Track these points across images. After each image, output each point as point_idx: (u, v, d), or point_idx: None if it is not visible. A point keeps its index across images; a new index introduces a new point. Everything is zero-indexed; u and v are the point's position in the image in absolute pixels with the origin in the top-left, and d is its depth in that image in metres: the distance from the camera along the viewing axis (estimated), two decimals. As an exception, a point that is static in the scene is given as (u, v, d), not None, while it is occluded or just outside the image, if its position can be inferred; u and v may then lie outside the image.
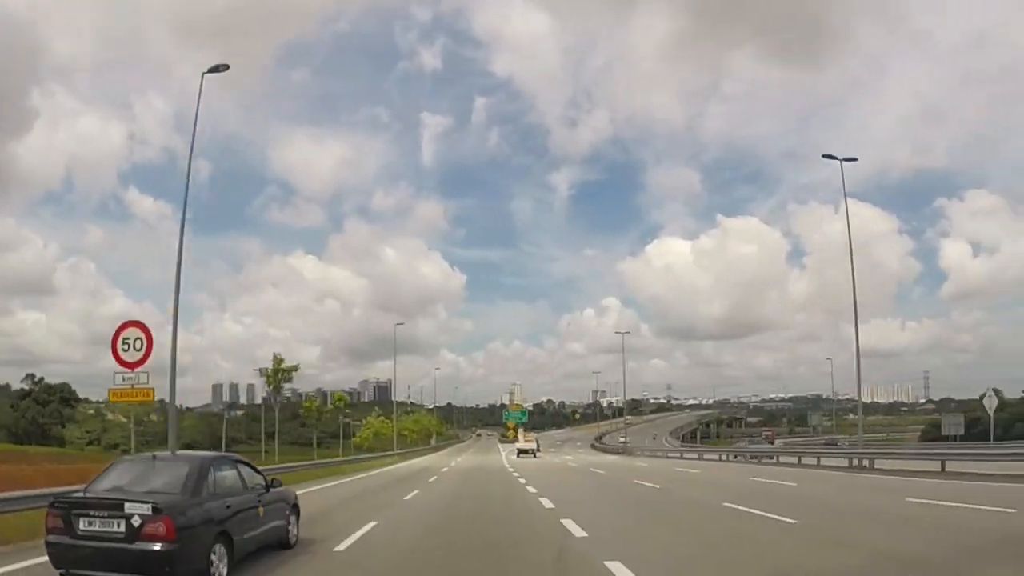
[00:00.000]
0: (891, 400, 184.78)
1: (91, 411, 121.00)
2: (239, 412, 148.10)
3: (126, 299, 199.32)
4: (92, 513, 6.58)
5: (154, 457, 8.00)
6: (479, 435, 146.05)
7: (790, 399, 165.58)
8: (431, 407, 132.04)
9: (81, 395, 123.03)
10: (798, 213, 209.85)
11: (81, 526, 6.58)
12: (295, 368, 57.29)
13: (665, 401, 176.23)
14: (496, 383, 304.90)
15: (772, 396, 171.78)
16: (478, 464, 39.93)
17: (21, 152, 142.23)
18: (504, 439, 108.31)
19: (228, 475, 7.99)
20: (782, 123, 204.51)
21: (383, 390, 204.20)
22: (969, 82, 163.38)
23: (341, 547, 9.50)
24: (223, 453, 8.79)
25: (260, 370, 58.25)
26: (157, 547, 6.38)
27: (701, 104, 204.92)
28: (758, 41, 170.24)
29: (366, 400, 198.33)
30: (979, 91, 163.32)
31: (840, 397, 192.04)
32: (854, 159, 32.02)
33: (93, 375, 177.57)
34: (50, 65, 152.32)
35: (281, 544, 9.08)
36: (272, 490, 8.91)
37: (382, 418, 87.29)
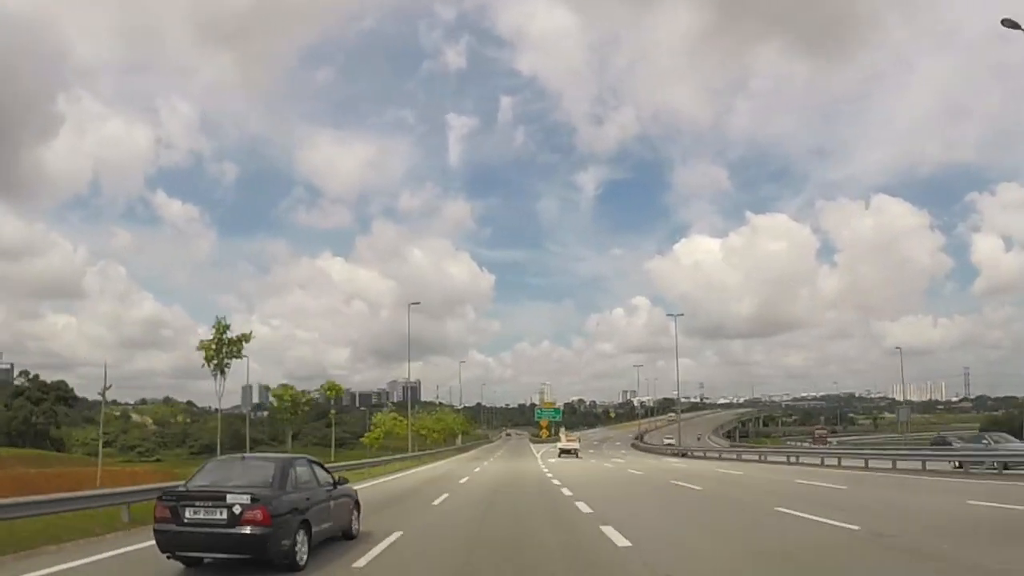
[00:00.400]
0: (926, 398, 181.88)
1: (117, 412, 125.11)
2: (264, 413, 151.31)
3: (155, 302, 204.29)
4: (197, 504, 7.78)
5: (243, 457, 9.26)
6: (508, 435, 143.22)
7: (822, 397, 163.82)
8: (459, 407, 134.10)
9: (119, 399, 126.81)
10: (827, 209, 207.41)
11: (187, 515, 7.78)
12: (245, 338, 38.07)
13: (698, 400, 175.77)
14: (525, 383, 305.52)
15: (803, 395, 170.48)
16: (509, 472, 30.58)
17: (49, 157, 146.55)
18: (536, 439, 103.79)
19: (304, 472, 9.19)
20: (809, 118, 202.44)
21: (413, 391, 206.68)
22: (998, 74, 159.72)
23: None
24: (300, 455, 9.95)
25: (201, 343, 38.36)
26: (255, 531, 7.56)
27: (727, 100, 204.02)
28: (783, 35, 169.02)
29: (395, 401, 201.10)
30: (1006, 83, 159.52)
31: (873, 395, 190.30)
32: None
33: (124, 378, 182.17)
34: (74, 69, 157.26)
35: (346, 535, 10.25)
36: (339, 487, 10.09)
37: (395, 415, 77.81)
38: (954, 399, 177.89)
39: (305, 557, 8.30)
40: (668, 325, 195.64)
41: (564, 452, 52.24)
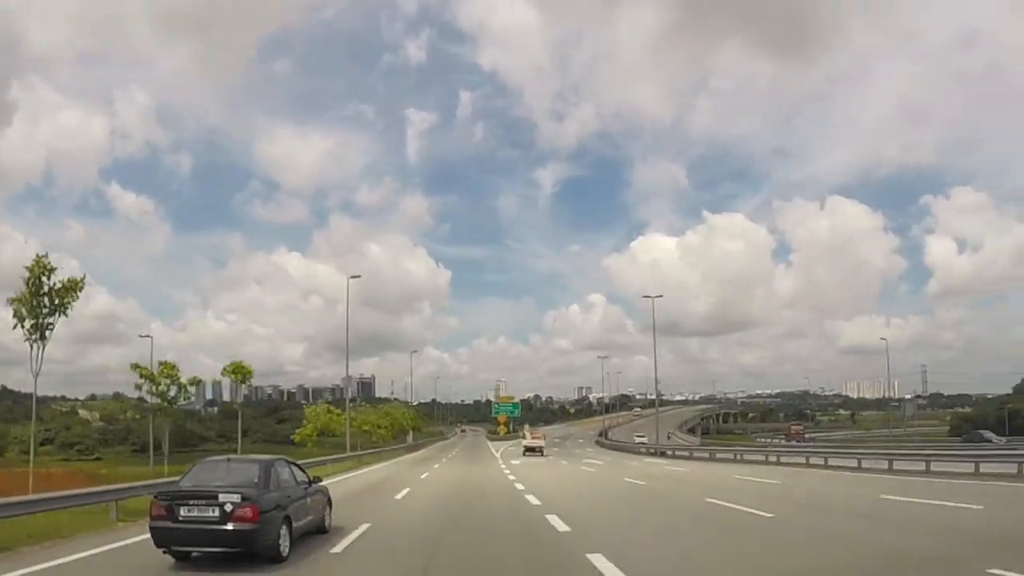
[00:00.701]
0: (878, 396, 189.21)
1: (65, 408, 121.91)
2: (215, 409, 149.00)
3: (110, 296, 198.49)
4: (191, 502, 8.74)
5: (228, 459, 10.22)
6: (464, 431, 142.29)
7: (777, 395, 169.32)
8: (413, 403, 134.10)
9: (68, 395, 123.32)
10: (783, 210, 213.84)
11: (182, 513, 8.73)
12: (75, 285, 27.62)
13: (655, 396, 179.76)
14: (481, 380, 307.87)
15: (759, 392, 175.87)
16: (467, 482, 24.76)
17: (1, 146, 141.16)
18: (493, 435, 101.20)
19: (284, 472, 10.21)
20: (769, 119, 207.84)
21: (367, 386, 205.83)
22: (956, 80, 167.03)
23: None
24: (279, 456, 10.92)
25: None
26: (244, 527, 8.57)
27: (688, 99, 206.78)
28: (746, 34, 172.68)
29: (349, 397, 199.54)
30: (966, 89, 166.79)
31: (827, 393, 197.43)
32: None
33: (77, 373, 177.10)
34: (30, 56, 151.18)
35: (319, 529, 11.27)
36: (313, 485, 11.12)
37: (330, 408, 67.89)
38: (908, 396, 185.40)
39: (287, 549, 9.33)
40: (624, 322, 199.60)
41: (529, 450, 50.87)
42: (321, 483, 11.63)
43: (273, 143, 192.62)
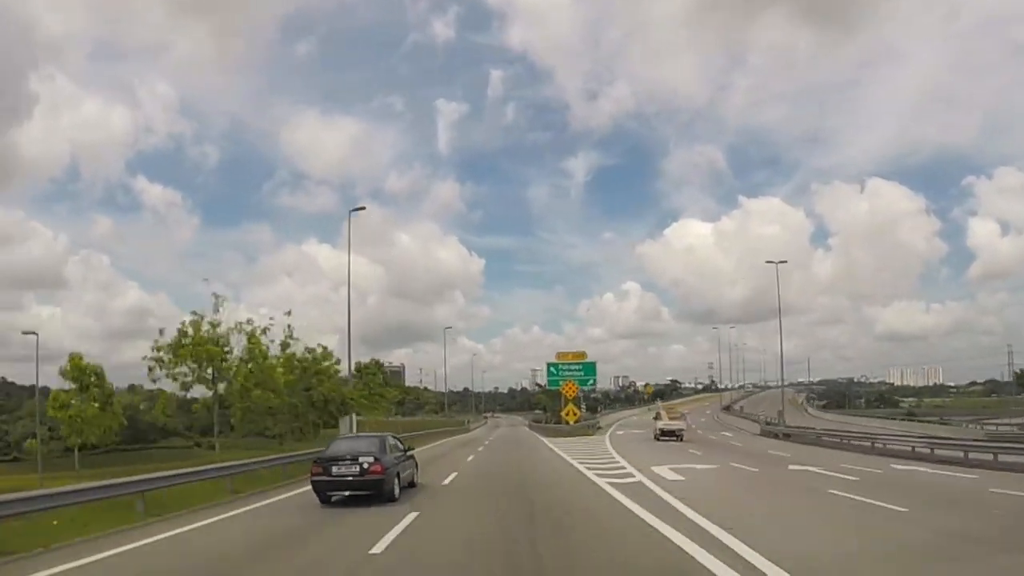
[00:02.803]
0: (922, 383, 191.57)
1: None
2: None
3: (140, 291, 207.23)
4: (340, 463, 14.50)
5: (357, 436, 16.02)
6: (487, 418, 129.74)
7: (819, 382, 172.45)
8: (447, 391, 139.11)
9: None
10: (821, 193, 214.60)
11: (334, 470, 14.47)
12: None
13: (709, 383, 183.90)
14: (515, 370, 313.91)
15: (800, 380, 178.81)
16: None
17: (23, 140, 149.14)
18: (547, 426, 65.08)
19: (393, 443, 15.94)
20: (805, 99, 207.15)
21: (396, 375, 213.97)
22: (1000, 57, 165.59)
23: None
24: (388, 432, 16.70)
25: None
26: (376, 477, 14.32)
27: (723, 79, 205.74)
28: (782, 8, 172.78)
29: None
30: (1009, 66, 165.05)
31: (871, 380, 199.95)
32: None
33: (111, 368, 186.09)
34: (44, 45, 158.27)
35: (411, 484, 16.98)
36: (407, 452, 16.86)
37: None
38: (960, 385, 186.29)
39: (398, 492, 15.08)
40: (660, 310, 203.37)
41: (666, 434, 42.17)
42: (412, 451, 17.39)
43: (298, 130, 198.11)
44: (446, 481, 19.05)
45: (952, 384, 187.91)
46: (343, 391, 41.16)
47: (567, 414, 53.28)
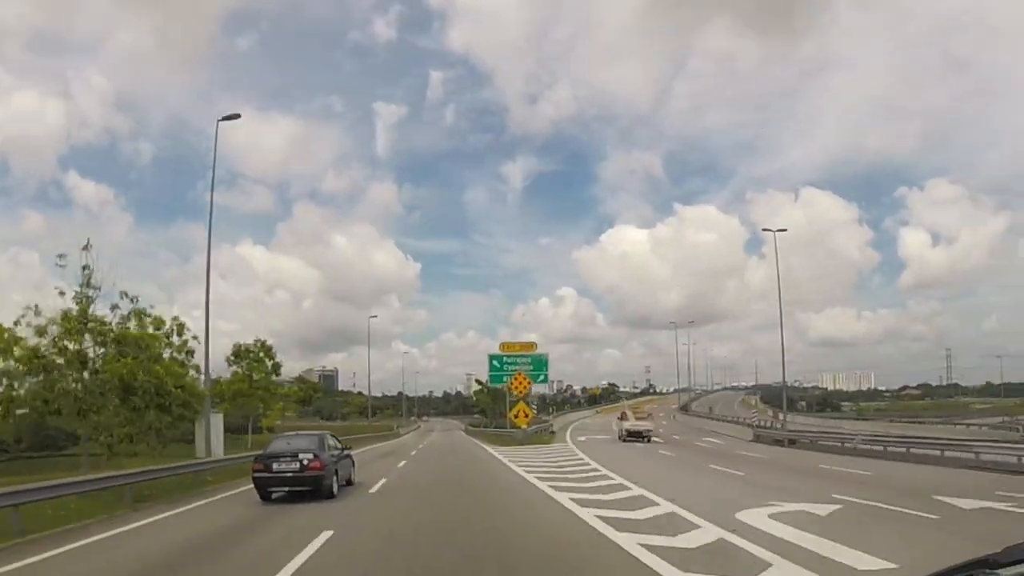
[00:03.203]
0: (854, 388, 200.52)
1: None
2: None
3: (72, 290, 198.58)
4: (280, 460, 15.30)
5: (296, 434, 16.78)
6: (419, 424, 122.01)
7: (753, 387, 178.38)
8: (380, 395, 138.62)
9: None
10: (756, 201, 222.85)
11: (275, 467, 15.24)
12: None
13: (647, 386, 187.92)
14: (451, 374, 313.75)
15: (735, 384, 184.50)
16: None
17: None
18: (493, 432, 57.37)
19: (330, 441, 16.83)
20: (745, 107, 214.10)
21: (329, 379, 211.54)
22: (936, 70, 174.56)
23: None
24: (325, 432, 17.52)
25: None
26: (315, 473, 15.16)
27: (665, 85, 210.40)
28: (726, 17, 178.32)
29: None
30: (945, 81, 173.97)
31: (805, 385, 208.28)
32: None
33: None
34: None
35: (348, 482, 17.83)
36: (344, 451, 17.73)
37: None
38: (891, 389, 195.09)
39: (336, 490, 15.94)
40: (595, 316, 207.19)
41: (632, 435, 42.55)
42: (349, 450, 18.24)
43: (234, 126, 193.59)
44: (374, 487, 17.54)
45: (884, 388, 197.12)
46: (188, 381, 27.14)
47: (517, 415, 43.34)
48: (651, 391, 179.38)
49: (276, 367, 44.73)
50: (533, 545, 9.59)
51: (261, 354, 43.52)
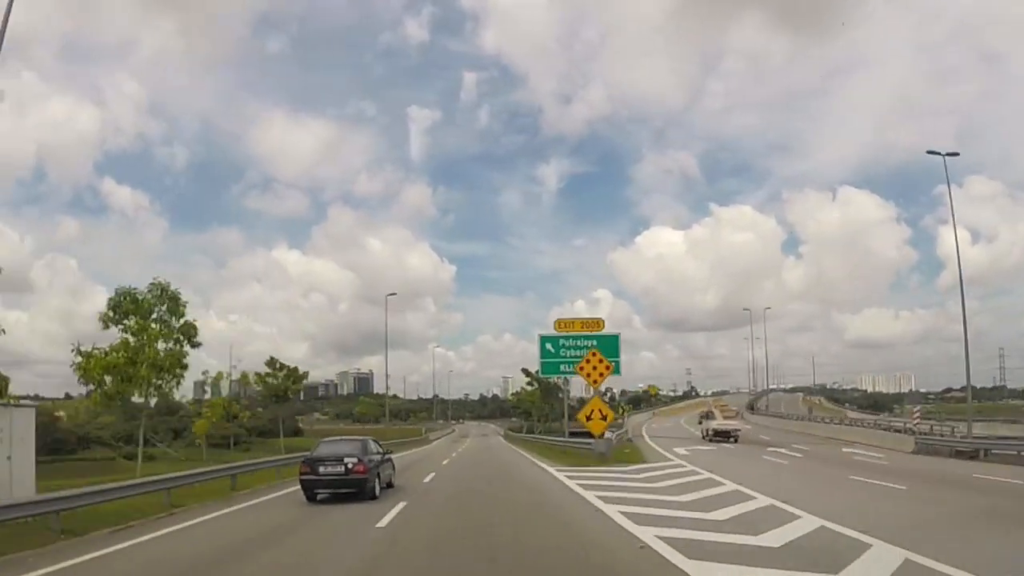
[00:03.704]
0: (894, 390, 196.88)
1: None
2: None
3: (108, 295, 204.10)
4: (326, 463, 16.29)
5: (341, 439, 17.77)
6: (452, 429, 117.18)
7: (791, 389, 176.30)
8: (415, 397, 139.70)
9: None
10: (792, 201, 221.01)
11: (320, 470, 16.22)
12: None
13: (689, 390, 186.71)
14: (486, 377, 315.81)
15: (772, 387, 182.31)
16: None
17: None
18: (546, 441, 47.00)
19: (373, 446, 17.77)
20: (778, 106, 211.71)
21: (363, 381, 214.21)
22: (973, 64, 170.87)
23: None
24: (368, 436, 18.50)
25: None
26: (359, 476, 16.12)
27: (697, 84, 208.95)
28: (757, 13, 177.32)
29: (344, 393, 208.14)
30: (984, 74, 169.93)
31: (844, 387, 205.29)
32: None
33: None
34: (9, 38, 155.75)
35: (389, 484, 18.77)
36: (386, 455, 18.67)
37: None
38: (934, 391, 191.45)
39: (379, 491, 16.87)
40: (632, 317, 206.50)
41: (719, 435, 42.60)
42: (390, 454, 19.20)
43: (268, 131, 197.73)
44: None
45: (926, 390, 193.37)
46: None
47: (591, 416, 29.88)
48: (692, 394, 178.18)
49: (190, 329, 28.01)
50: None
51: (160, 305, 27.66)
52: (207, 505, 16.60)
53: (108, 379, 26.46)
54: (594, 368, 30.44)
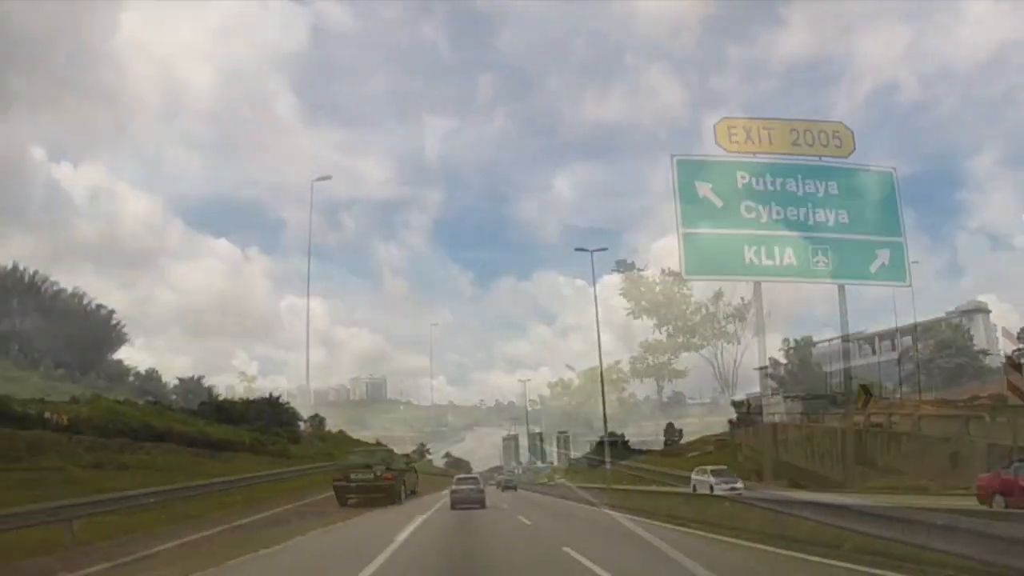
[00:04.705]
0: None
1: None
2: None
3: None
4: (358, 471, 18.57)
5: (369, 449, 20.19)
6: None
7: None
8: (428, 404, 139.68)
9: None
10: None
11: (352, 476, 18.52)
12: None
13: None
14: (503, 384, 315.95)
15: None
16: None
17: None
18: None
19: (399, 457, 20.08)
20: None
21: (377, 387, 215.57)
22: None
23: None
24: (392, 448, 20.88)
25: None
26: (387, 483, 18.44)
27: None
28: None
29: (355, 399, 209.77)
30: None
31: None
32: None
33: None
34: None
35: (413, 492, 21.07)
36: (409, 466, 20.99)
37: None
38: None
39: (404, 497, 19.16)
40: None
41: None
42: (414, 464, 21.56)
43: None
44: None
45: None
46: None
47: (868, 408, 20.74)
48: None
49: None
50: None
51: None
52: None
53: None
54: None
